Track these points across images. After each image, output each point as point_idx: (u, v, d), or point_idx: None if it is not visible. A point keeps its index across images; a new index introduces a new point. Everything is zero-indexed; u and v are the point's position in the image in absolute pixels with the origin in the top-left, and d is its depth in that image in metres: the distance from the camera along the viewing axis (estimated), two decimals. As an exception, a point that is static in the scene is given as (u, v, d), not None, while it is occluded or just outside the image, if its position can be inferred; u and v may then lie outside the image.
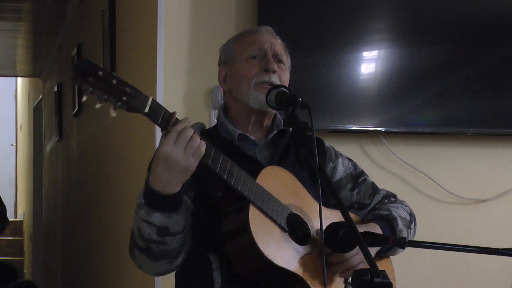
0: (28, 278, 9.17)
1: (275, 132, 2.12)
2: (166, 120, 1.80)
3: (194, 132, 1.82)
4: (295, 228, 1.98)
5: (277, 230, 1.92)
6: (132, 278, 3.65)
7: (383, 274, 1.57)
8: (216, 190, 1.96)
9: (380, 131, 3.29)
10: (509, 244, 2.24)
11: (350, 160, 2.25)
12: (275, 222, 1.92)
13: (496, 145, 3.48)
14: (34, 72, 9.06)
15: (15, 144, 12.21)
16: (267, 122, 2.13)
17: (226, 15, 3.22)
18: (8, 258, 9.79)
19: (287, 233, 1.93)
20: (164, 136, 1.82)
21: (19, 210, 11.65)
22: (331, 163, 2.19)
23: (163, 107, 1.80)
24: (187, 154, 1.80)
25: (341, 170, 2.20)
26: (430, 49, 3.31)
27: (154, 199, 1.86)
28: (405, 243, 1.83)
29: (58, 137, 6.88)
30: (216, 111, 3.13)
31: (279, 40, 2.17)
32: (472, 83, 3.35)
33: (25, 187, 10.76)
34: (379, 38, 3.32)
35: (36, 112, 9.07)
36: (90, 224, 5.19)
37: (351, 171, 2.21)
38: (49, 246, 8.18)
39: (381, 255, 2.09)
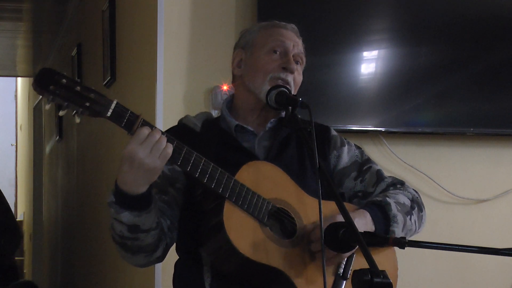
0: (28, 278, 9.17)
1: (272, 120, 2.11)
2: (131, 122, 1.79)
3: (162, 135, 1.81)
4: (280, 222, 1.96)
5: (256, 225, 1.90)
6: (132, 277, 3.65)
7: (383, 274, 1.57)
8: (197, 188, 1.96)
9: (380, 131, 3.29)
10: (509, 244, 2.23)
11: (358, 147, 2.22)
12: (254, 217, 1.90)
13: (496, 145, 3.48)
14: (34, 72, 9.05)
15: (15, 144, 12.20)
16: (272, 113, 2.11)
17: (226, 15, 3.22)
18: (8, 258, 9.77)
19: (268, 228, 1.92)
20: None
21: (19, 210, 11.64)
22: (335, 151, 2.16)
23: (128, 110, 1.79)
24: (153, 155, 1.79)
25: (345, 158, 2.17)
26: (430, 49, 3.31)
27: (121, 198, 1.85)
28: (404, 243, 1.82)
29: (58, 137, 6.88)
30: (216, 111, 3.13)
31: (301, 41, 2.15)
32: (472, 83, 3.35)
33: (25, 187, 10.75)
34: (379, 38, 3.32)
35: (36, 112, 9.06)
36: (90, 223, 5.19)
37: (357, 159, 2.18)
38: (49, 246, 8.17)
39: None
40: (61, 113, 1.78)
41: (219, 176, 1.87)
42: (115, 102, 1.77)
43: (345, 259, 1.98)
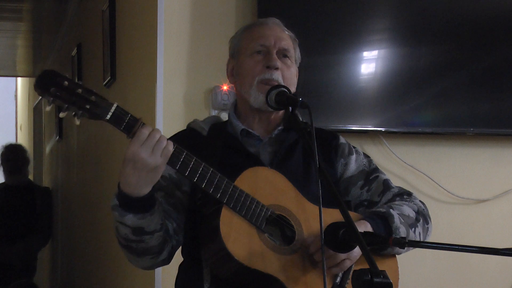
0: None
1: (279, 128, 2.11)
2: (130, 125, 1.79)
3: (161, 135, 1.82)
4: (278, 229, 1.96)
5: (253, 232, 1.89)
6: (132, 277, 3.65)
7: (383, 274, 1.57)
8: (197, 192, 1.96)
9: (380, 131, 3.29)
10: (509, 244, 2.23)
11: (366, 156, 2.21)
12: (251, 224, 1.89)
13: (496, 145, 3.48)
14: (34, 72, 9.05)
15: (15, 144, 12.19)
16: (274, 117, 2.12)
17: (226, 15, 3.22)
18: (8, 258, 9.75)
19: (266, 235, 1.91)
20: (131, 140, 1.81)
21: (19, 210, 11.62)
22: (342, 160, 2.16)
23: (128, 113, 1.79)
24: (155, 154, 1.79)
25: (353, 167, 2.16)
26: (430, 49, 3.31)
27: (125, 201, 1.85)
28: (404, 243, 1.82)
29: (58, 137, 6.89)
30: (216, 111, 3.14)
31: (287, 32, 2.15)
32: (472, 83, 3.35)
33: (25, 187, 10.73)
34: (379, 38, 3.32)
35: (36, 112, 9.06)
36: (90, 223, 5.19)
37: (364, 168, 2.17)
38: (49, 246, 8.17)
39: (381, 254, 2.05)
40: (61, 114, 1.78)
41: (218, 182, 1.87)
42: (115, 105, 1.78)
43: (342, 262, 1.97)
